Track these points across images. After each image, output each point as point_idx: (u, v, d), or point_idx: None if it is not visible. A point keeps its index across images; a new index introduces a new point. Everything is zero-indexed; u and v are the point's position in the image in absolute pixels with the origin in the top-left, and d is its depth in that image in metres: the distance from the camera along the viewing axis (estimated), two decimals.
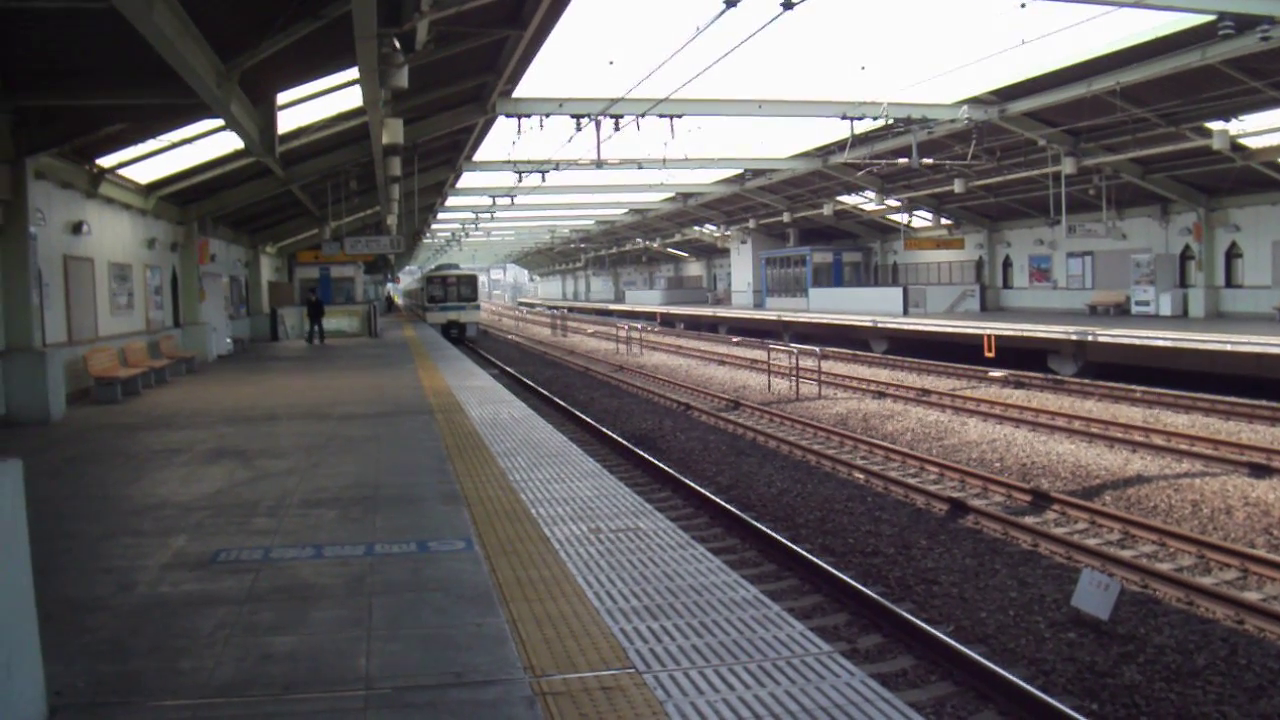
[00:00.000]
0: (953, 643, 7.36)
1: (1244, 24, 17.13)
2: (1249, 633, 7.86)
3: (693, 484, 13.03)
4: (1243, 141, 24.58)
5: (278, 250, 40.55)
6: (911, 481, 13.31)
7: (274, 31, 11.70)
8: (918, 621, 7.83)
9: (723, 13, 13.01)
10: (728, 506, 11.75)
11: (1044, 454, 15.03)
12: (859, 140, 27.66)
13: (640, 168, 32.68)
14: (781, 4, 12.73)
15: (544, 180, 32.89)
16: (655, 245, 66.89)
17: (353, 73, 13.88)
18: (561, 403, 21.85)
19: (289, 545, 6.82)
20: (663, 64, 21.13)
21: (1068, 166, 27.84)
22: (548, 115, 23.14)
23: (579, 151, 27.72)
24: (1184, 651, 7.45)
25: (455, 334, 43.44)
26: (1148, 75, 20.96)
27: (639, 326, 41.09)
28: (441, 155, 28.85)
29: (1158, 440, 15.61)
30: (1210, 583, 8.98)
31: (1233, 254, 29.88)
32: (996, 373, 24.43)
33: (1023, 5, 16.64)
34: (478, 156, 30.77)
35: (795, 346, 24.91)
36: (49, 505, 8.14)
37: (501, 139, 50.62)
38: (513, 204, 40.16)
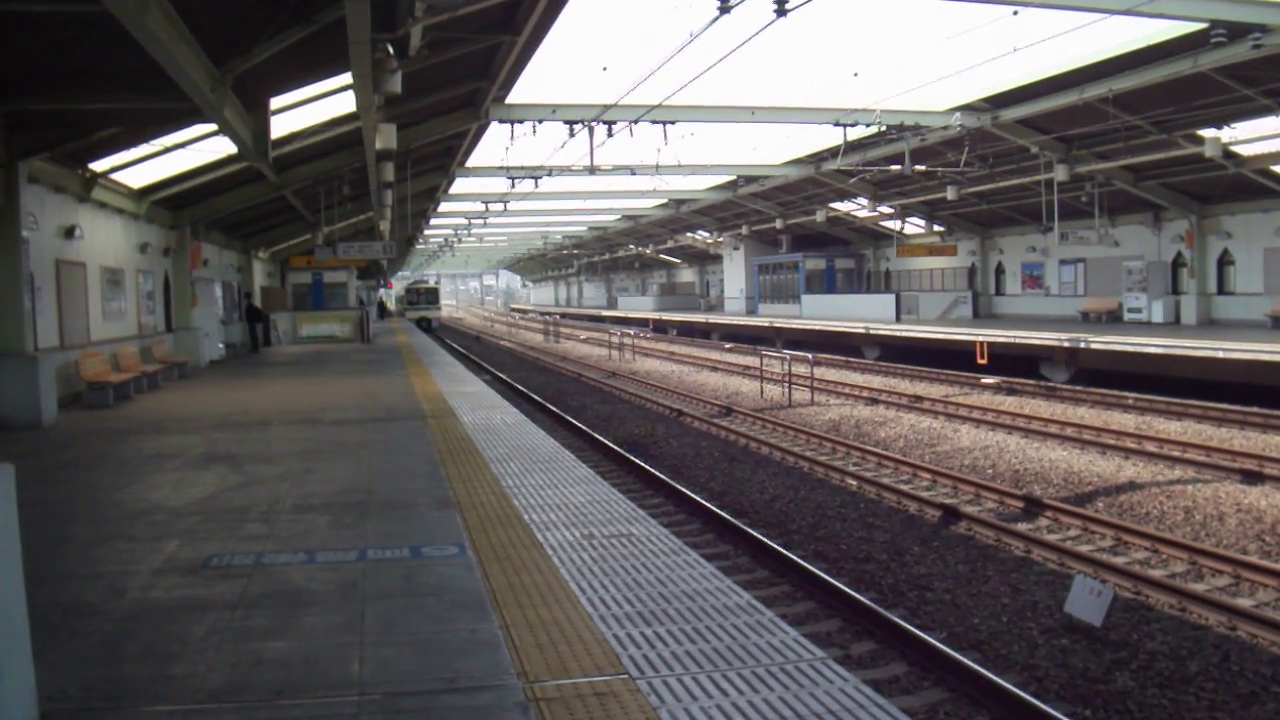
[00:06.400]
0: (945, 649, 7.36)
1: (1236, 32, 17.20)
2: (1241, 639, 7.87)
3: (685, 490, 13.01)
4: (1235, 149, 24.63)
5: (270, 255, 40.53)
6: (904, 488, 13.32)
7: (268, 36, 11.68)
8: (910, 628, 7.83)
9: (716, 19, 13.02)
10: (720, 513, 11.73)
11: (1036, 460, 15.05)
12: (852, 147, 27.72)
13: (633, 174, 32.76)
14: (775, 10, 12.74)
15: (537, 186, 33.01)
16: (648, 251, 66.98)
17: (346, 78, 13.85)
18: (554, 408, 21.82)
19: (281, 550, 6.80)
20: (656, 70, 21.14)
21: (1060, 173, 27.92)
22: (541, 121, 23.13)
23: (572, 157, 27.73)
24: (1177, 658, 7.46)
25: (424, 326, 58.90)
26: (1140, 83, 21.03)
27: (631, 332, 41.06)
28: (435, 161, 28.83)
29: (1150, 447, 15.64)
30: (1203, 589, 8.99)
31: (1225, 261, 30.00)
32: (989, 379, 24.46)
33: (1015, 13, 16.70)
34: (471, 162, 30.77)
35: (788, 353, 24.90)
36: (40, 510, 8.08)
37: (495, 145, 50.68)
38: (505, 209, 40.18)
